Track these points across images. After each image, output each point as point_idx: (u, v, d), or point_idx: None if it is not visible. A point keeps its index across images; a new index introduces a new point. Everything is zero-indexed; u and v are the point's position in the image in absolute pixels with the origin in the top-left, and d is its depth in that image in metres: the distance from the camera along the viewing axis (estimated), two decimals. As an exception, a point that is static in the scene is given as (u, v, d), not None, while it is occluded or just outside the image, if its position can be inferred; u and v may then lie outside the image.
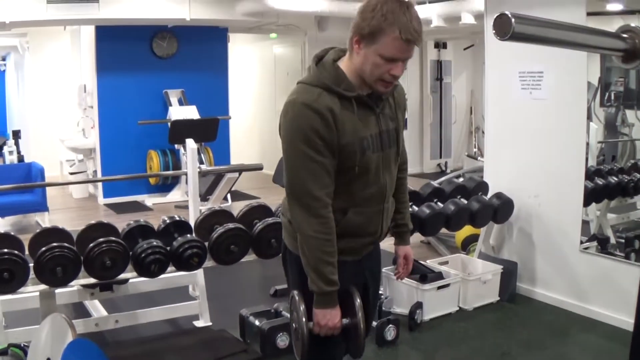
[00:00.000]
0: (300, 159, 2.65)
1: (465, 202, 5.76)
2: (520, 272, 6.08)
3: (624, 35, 2.45)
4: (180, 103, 11.33)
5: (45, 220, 9.12)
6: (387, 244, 3.34)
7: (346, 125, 2.66)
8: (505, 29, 1.92)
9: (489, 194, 6.07)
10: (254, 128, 14.61)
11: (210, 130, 10.77)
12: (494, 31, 1.94)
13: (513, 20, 1.88)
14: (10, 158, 11.21)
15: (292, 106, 2.67)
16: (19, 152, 11.54)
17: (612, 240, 5.95)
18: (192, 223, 5.02)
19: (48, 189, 9.48)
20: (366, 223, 2.86)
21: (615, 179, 5.97)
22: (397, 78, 2.71)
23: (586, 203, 5.69)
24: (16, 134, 12.11)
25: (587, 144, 5.63)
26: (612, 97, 6.13)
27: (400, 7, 2.58)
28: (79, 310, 5.68)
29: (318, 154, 2.63)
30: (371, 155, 2.75)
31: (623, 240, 5.90)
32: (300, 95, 2.68)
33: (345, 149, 2.68)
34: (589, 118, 5.59)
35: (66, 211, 10.55)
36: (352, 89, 2.69)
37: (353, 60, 2.70)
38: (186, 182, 6.76)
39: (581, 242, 5.64)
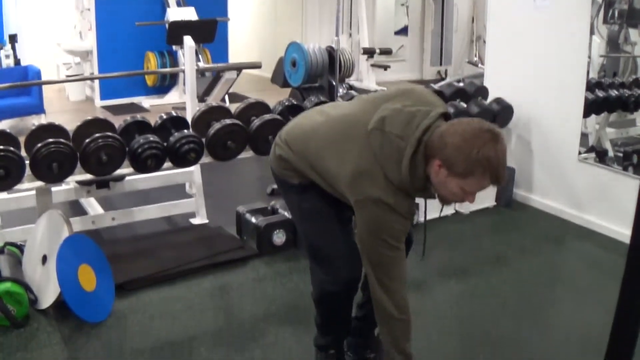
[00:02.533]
0: (396, 257, 2.81)
1: (465, 105, 5.72)
2: (518, 178, 6.08)
3: None
4: (179, 4, 11.19)
5: (42, 122, 9.05)
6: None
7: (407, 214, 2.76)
8: None
9: (489, 99, 6.02)
10: (252, 32, 14.48)
11: (209, 32, 10.67)
12: None
13: None
14: (7, 62, 11.12)
15: (385, 207, 2.67)
16: (15, 56, 11.44)
17: (611, 154, 5.92)
18: (189, 120, 4.98)
19: (45, 92, 9.42)
20: None
21: (616, 92, 5.91)
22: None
23: (586, 114, 5.64)
24: (13, 38, 11.99)
25: (589, 56, 5.56)
26: (616, 15, 6.02)
27: (495, 148, 2.50)
28: (76, 208, 5.70)
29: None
30: None
31: (621, 154, 5.87)
32: (389, 198, 2.66)
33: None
34: (592, 33, 5.51)
35: (63, 113, 10.49)
36: (422, 191, 2.76)
37: (429, 171, 2.65)
38: (184, 83, 6.70)
39: (579, 153, 5.62)
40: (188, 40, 5.65)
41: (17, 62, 11.27)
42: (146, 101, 11.21)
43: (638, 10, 5.92)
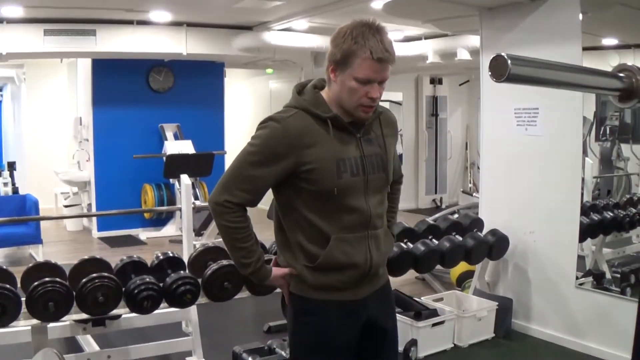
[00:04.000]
0: (241, 159, 2.78)
1: (460, 239, 5.75)
2: (516, 308, 6.06)
3: (621, 75, 2.44)
4: (176, 137, 11.35)
5: (39, 252, 9.08)
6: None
7: (319, 146, 2.68)
8: (502, 70, 1.90)
9: (484, 231, 6.06)
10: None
11: (206, 165, 10.78)
12: (490, 73, 1.93)
13: (509, 62, 1.86)
14: (5, 190, 11.17)
15: (265, 119, 2.78)
16: (13, 184, 11.50)
17: (608, 275, 5.94)
18: (185, 259, 4.99)
19: (42, 221, 9.46)
20: (350, 251, 2.76)
21: (611, 214, 5.97)
22: (376, 101, 2.70)
23: (582, 239, 5.69)
24: (11, 166, 12.08)
25: (583, 179, 5.63)
26: (608, 132, 6.15)
27: (370, 29, 2.61)
28: (71, 345, 5.65)
29: (258, 167, 2.73)
30: (349, 178, 2.70)
31: (619, 275, 5.89)
32: (277, 112, 2.77)
33: (317, 169, 2.67)
34: (584, 153, 5.60)
35: (60, 244, 10.52)
36: (329, 110, 2.71)
37: (332, 89, 2.73)
38: (181, 217, 6.75)
39: (577, 278, 5.63)
40: (185, 178, 5.73)
41: (15, 190, 11.33)
42: (143, 233, 11.24)
43: (629, 125, 6.03)
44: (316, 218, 2.73)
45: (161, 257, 4.89)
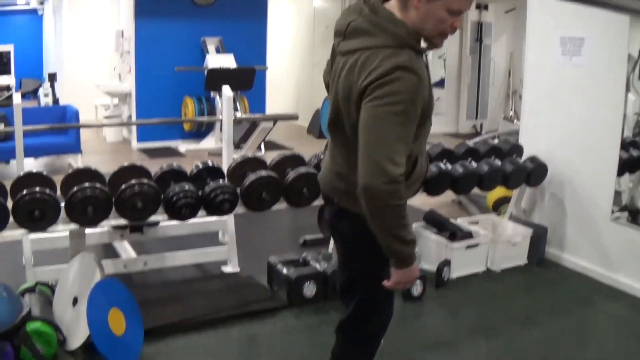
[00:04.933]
0: (393, 121, 2.49)
1: (499, 163, 5.72)
2: (550, 236, 6.04)
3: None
4: (218, 51, 11.32)
5: (78, 162, 9.16)
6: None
7: (426, 83, 2.60)
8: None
9: (524, 157, 6.02)
10: (290, 79, 14.55)
11: (247, 80, 10.78)
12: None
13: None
14: (46, 100, 11.26)
15: (393, 69, 2.49)
16: (54, 95, 11.58)
17: (644, 212, 5.90)
18: (224, 169, 5.01)
19: (82, 132, 9.54)
20: (425, 167, 2.89)
21: (651, 150, 5.90)
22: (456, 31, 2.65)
23: (620, 173, 5.63)
24: (52, 77, 12.16)
25: (624, 114, 5.56)
26: (651, 70, 6.03)
27: None
28: (108, 251, 5.73)
29: (410, 121, 2.54)
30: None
31: (654, 213, 5.85)
32: (399, 58, 2.50)
33: (430, 102, 2.65)
34: (627, 89, 5.51)
35: (99, 154, 10.61)
36: (419, 42, 2.63)
37: (410, 15, 2.57)
38: (220, 129, 6.76)
39: (612, 212, 5.59)
40: (226, 90, 5.71)
41: (55, 100, 11.41)
42: (182, 145, 11.32)
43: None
44: (417, 142, 2.74)
45: (201, 167, 4.92)
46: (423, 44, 2.66)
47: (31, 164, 9.05)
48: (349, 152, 2.78)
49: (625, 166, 5.71)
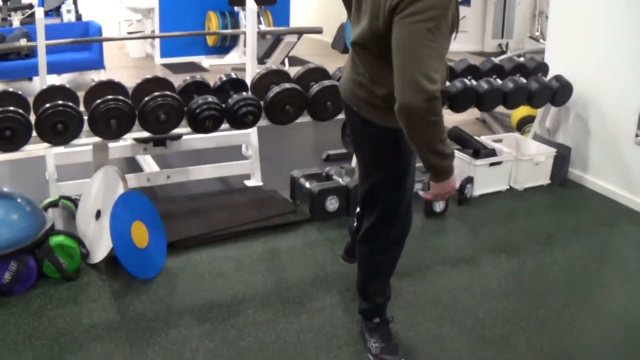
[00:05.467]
0: (427, 37, 2.46)
1: (525, 81, 5.65)
2: (573, 157, 6.02)
3: None
4: (242, -35, 11.20)
5: (101, 78, 9.12)
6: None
7: None
8: None
9: (549, 76, 5.95)
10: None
11: (271, -7, 10.67)
12: None
13: None
14: (68, 17, 11.18)
15: None
16: (77, 11, 11.51)
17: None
18: (248, 82, 4.99)
19: (105, 48, 9.48)
20: (445, 77, 2.85)
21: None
22: None
23: (644, 96, 5.57)
24: (75, -7, 12.07)
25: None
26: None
27: None
28: (131, 165, 5.78)
29: (444, 38, 2.54)
30: None
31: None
32: None
33: (455, 16, 2.64)
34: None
35: (123, 69, 10.59)
36: None
37: None
38: (244, 44, 6.71)
39: (637, 135, 5.54)
40: (250, 2, 5.66)
41: (78, 17, 11.34)
42: (206, 61, 11.26)
43: None
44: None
45: (224, 79, 4.90)
46: None
47: (54, 80, 8.99)
48: (372, 64, 2.79)
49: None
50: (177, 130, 4.60)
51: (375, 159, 3.11)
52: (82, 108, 4.46)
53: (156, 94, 4.37)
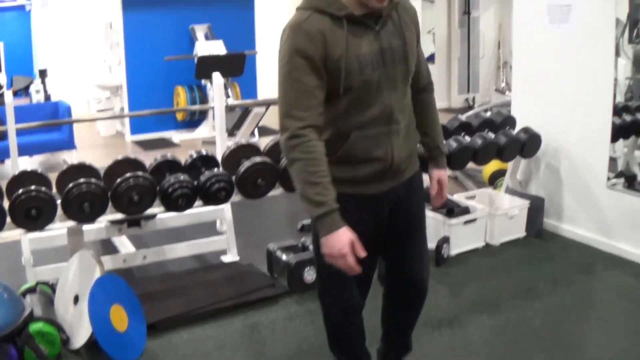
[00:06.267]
0: (286, 80, 2.59)
1: (493, 136, 5.71)
2: (547, 207, 6.05)
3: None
4: (207, 38, 11.30)
5: (72, 158, 9.13)
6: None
7: (338, 43, 2.59)
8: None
9: (517, 129, 6.01)
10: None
11: (237, 65, 10.75)
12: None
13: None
14: (37, 97, 11.21)
15: (283, 30, 2.63)
16: (45, 91, 11.54)
17: (639, 178, 5.90)
18: (219, 157, 5.01)
19: (75, 127, 9.51)
20: (371, 146, 2.75)
21: (644, 115, 5.90)
22: None
23: (614, 139, 5.62)
24: (42, 73, 12.11)
25: (615, 79, 5.55)
26: (641, 33, 6.02)
27: None
28: (107, 247, 5.75)
29: (304, 75, 2.57)
30: (371, 73, 2.66)
31: (650, 178, 5.85)
32: (292, 19, 2.64)
33: (340, 66, 2.61)
34: (617, 54, 5.50)
35: (94, 149, 10.59)
36: (343, 8, 2.61)
37: None
38: (213, 117, 6.76)
39: (608, 179, 5.60)
40: (217, 77, 5.71)
41: (47, 97, 11.36)
42: (176, 136, 11.29)
43: (664, 26, 5.91)
44: (340, 114, 2.71)
45: (195, 156, 4.93)
46: (364, 10, 2.66)
47: (26, 163, 9.03)
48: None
49: (619, 132, 5.71)
50: (150, 210, 4.60)
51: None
52: (55, 190, 4.47)
53: (128, 175, 4.38)
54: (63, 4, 13.77)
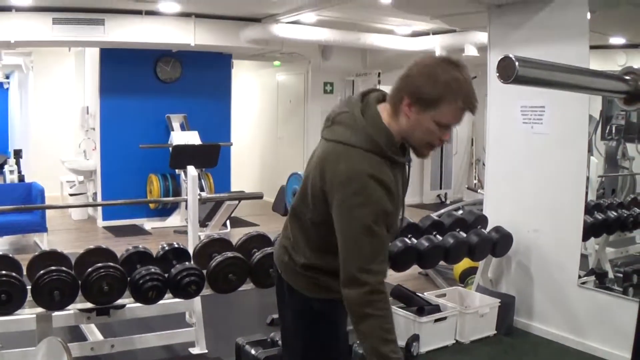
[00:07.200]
0: (365, 235, 2.51)
1: (464, 235, 5.76)
2: (518, 305, 6.07)
3: (627, 78, 2.46)
4: (182, 128, 11.37)
5: (43, 240, 9.10)
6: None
7: (395, 192, 2.60)
8: (509, 72, 1.92)
9: (488, 228, 6.06)
10: (255, 154, 14.60)
11: (212, 156, 10.80)
12: (497, 74, 1.96)
13: (517, 63, 1.89)
14: (11, 177, 11.23)
15: (350, 179, 2.51)
16: (19, 172, 11.57)
17: (611, 275, 5.96)
18: (190, 250, 5.02)
19: (48, 210, 9.48)
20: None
21: (615, 213, 5.98)
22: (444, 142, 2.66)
23: (585, 237, 5.69)
24: (17, 153, 12.16)
25: (588, 178, 5.64)
26: (614, 131, 6.14)
27: (461, 72, 2.51)
28: (75, 334, 5.67)
29: (383, 229, 2.55)
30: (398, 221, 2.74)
31: (621, 275, 5.89)
32: (361, 164, 2.52)
33: (392, 214, 2.63)
34: (590, 152, 5.61)
35: (65, 232, 10.55)
36: (399, 154, 2.62)
37: (400, 122, 2.58)
38: (186, 208, 6.78)
39: (579, 277, 5.64)
40: (191, 170, 5.75)
41: (21, 178, 11.38)
42: (148, 223, 11.25)
43: (635, 124, 6.03)
44: None
45: (167, 248, 4.93)
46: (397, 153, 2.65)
47: (-3, 243, 9.01)
48: (297, 233, 2.82)
49: (591, 230, 5.79)
50: (120, 300, 4.57)
51: (297, 332, 2.98)
52: (25, 273, 4.46)
53: (99, 265, 4.38)
54: (41, 85, 13.86)
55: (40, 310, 4.37)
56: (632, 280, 5.74)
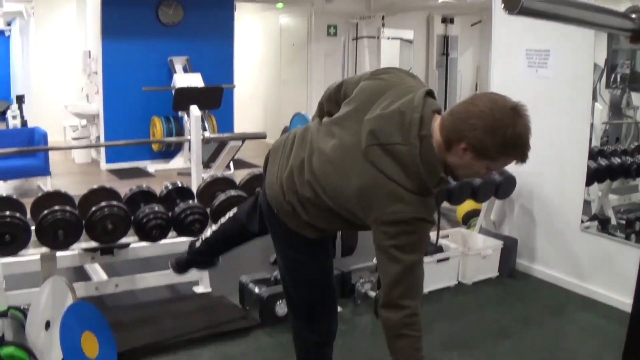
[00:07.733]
0: (413, 270, 2.58)
1: (469, 176, 5.75)
2: (520, 248, 6.09)
3: (633, 16, 2.44)
4: (185, 70, 11.33)
5: (47, 184, 9.11)
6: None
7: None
8: (515, 3, 1.90)
9: (492, 170, 6.05)
10: (258, 97, 14.55)
11: (214, 99, 10.78)
12: (503, 5, 1.93)
13: (523, -6, 1.86)
14: (14, 122, 11.21)
15: (412, 222, 2.54)
16: (22, 117, 11.53)
17: (613, 221, 5.95)
18: (194, 189, 5.02)
19: (51, 153, 9.47)
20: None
21: (619, 160, 5.96)
22: None
23: (588, 183, 5.68)
24: (20, 99, 12.11)
25: (592, 124, 5.61)
26: (618, 79, 6.09)
27: (525, 124, 2.66)
28: (79, 274, 5.70)
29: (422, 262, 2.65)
30: None
31: (624, 222, 5.88)
32: (421, 211, 2.54)
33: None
34: (594, 99, 5.57)
35: (68, 176, 10.56)
36: (438, 183, 2.62)
37: (450, 157, 2.56)
38: (189, 149, 6.77)
39: (582, 222, 5.64)
40: (194, 109, 5.73)
41: (23, 123, 11.36)
42: (151, 166, 11.29)
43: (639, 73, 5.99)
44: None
45: (170, 187, 4.93)
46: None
47: (0, 187, 8.99)
48: (317, 213, 2.88)
49: (594, 176, 5.76)
50: (124, 240, 4.59)
51: (290, 258, 3.24)
52: (29, 216, 4.47)
53: (103, 204, 4.39)
54: (42, 31, 13.75)
55: (44, 250, 4.39)
56: (635, 227, 5.73)
